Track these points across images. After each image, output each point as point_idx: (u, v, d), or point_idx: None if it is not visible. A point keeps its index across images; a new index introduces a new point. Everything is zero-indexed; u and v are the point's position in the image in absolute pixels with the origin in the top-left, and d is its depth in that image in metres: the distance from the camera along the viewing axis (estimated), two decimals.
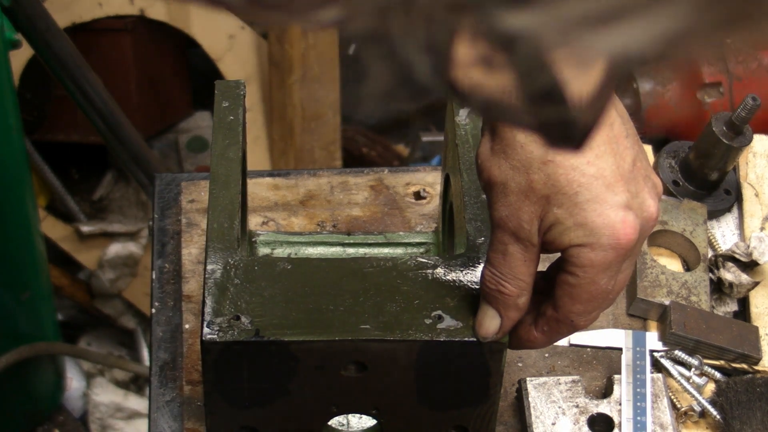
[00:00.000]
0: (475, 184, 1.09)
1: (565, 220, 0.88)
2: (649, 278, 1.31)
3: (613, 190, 0.88)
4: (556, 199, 0.88)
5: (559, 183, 0.87)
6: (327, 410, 1.05)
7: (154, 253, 1.34)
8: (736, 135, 1.36)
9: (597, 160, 0.87)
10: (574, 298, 0.91)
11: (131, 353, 2.62)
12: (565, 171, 0.87)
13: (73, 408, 2.46)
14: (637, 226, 0.89)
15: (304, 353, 0.98)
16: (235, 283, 1.01)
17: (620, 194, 0.88)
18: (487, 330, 0.97)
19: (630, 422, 1.18)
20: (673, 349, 1.26)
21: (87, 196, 2.81)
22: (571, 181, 0.87)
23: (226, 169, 1.11)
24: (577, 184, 0.87)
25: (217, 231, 1.05)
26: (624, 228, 0.88)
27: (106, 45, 2.59)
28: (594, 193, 0.87)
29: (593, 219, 0.87)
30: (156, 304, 1.29)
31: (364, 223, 1.37)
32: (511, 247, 0.91)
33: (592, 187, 0.87)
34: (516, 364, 1.26)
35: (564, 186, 0.87)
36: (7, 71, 1.77)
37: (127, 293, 2.58)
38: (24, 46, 1.81)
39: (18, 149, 1.86)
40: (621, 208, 0.88)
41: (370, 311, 0.99)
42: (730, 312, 1.33)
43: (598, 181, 0.87)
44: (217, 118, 1.16)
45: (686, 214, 1.37)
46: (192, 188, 1.39)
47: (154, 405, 1.21)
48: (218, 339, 0.97)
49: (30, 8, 1.79)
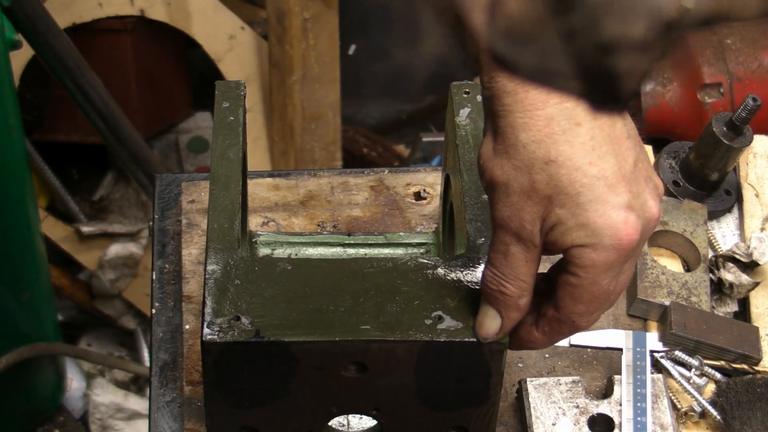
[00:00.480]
0: (475, 185, 1.09)
1: (567, 221, 0.88)
2: (650, 279, 1.31)
3: (615, 191, 0.88)
4: (559, 200, 0.88)
5: (561, 183, 0.87)
6: (327, 410, 1.05)
7: (154, 253, 1.34)
8: (737, 135, 1.36)
9: (599, 161, 0.87)
10: (576, 298, 0.91)
11: (131, 354, 2.62)
12: (567, 171, 0.87)
13: (73, 408, 2.46)
14: (639, 227, 0.89)
15: (304, 354, 0.98)
16: (235, 283, 1.01)
17: (622, 195, 0.88)
18: (488, 330, 0.97)
19: (630, 423, 1.18)
20: (674, 350, 1.25)
21: (87, 197, 2.81)
22: (574, 182, 0.87)
23: (227, 170, 1.11)
24: (580, 185, 0.87)
25: (218, 231, 1.05)
26: (626, 229, 0.88)
27: (106, 45, 2.59)
28: (596, 193, 0.87)
29: (595, 219, 0.88)
30: (156, 305, 1.29)
31: (364, 224, 1.37)
32: (513, 247, 0.91)
33: (594, 188, 0.87)
34: (516, 365, 1.26)
35: (566, 186, 0.87)
36: (7, 71, 1.77)
37: (128, 294, 2.58)
38: (24, 47, 1.81)
39: (18, 149, 1.86)
40: (623, 208, 0.88)
41: (371, 312, 0.99)
42: (731, 312, 1.33)
43: (600, 182, 0.87)
44: (218, 118, 1.16)
45: (686, 215, 1.37)
46: (192, 189, 1.39)
47: (155, 405, 1.21)
48: (218, 339, 0.97)
49: (30, 8, 1.80)
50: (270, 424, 1.06)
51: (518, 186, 0.89)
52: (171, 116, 2.84)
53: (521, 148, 0.88)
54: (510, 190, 0.89)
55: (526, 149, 0.88)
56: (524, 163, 0.88)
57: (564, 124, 0.87)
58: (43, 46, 1.85)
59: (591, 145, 0.87)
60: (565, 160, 0.87)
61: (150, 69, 2.69)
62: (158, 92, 2.74)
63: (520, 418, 1.20)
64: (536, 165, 0.88)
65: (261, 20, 2.74)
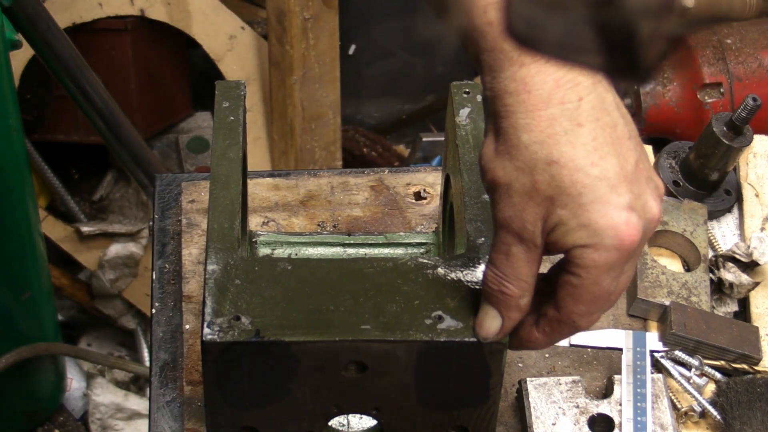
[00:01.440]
0: (475, 185, 1.09)
1: (569, 221, 0.88)
2: (650, 279, 1.31)
3: (617, 192, 0.88)
4: (560, 200, 0.88)
5: (563, 184, 0.87)
6: (327, 410, 1.05)
7: (154, 253, 1.34)
8: (737, 135, 1.36)
9: (601, 161, 0.87)
10: (577, 298, 0.91)
11: (131, 354, 2.62)
12: (569, 172, 0.87)
13: (73, 408, 2.46)
14: (641, 228, 0.89)
15: (304, 353, 0.98)
16: (235, 283, 1.01)
17: (624, 195, 0.88)
18: (488, 330, 0.97)
19: (630, 422, 1.18)
20: (674, 350, 1.26)
21: (87, 197, 2.81)
22: (576, 182, 0.87)
23: (227, 170, 1.11)
24: (581, 185, 0.87)
25: (218, 231, 1.05)
26: (627, 229, 0.88)
27: (106, 45, 2.59)
28: (598, 194, 0.87)
29: (597, 220, 0.88)
30: (156, 305, 1.29)
31: (364, 224, 1.37)
32: (515, 248, 0.91)
33: (596, 188, 0.87)
34: (516, 365, 1.26)
35: (568, 187, 0.87)
36: (7, 71, 1.77)
37: (128, 293, 2.58)
38: (24, 47, 1.81)
39: (18, 149, 1.86)
40: (624, 209, 0.88)
41: (371, 312, 0.99)
42: (731, 312, 1.33)
43: (602, 183, 0.87)
44: (218, 118, 1.16)
45: (687, 215, 1.37)
46: (192, 188, 1.39)
47: (155, 405, 1.21)
48: (218, 339, 0.97)
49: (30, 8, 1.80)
50: (270, 424, 1.06)
51: (520, 187, 0.89)
52: (171, 116, 2.84)
53: (523, 149, 0.88)
54: (512, 191, 0.89)
55: (528, 150, 0.88)
56: (526, 163, 0.88)
57: (566, 125, 0.87)
58: (43, 46, 1.85)
59: (593, 146, 0.87)
60: (567, 161, 0.87)
61: (150, 69, 2.69)
62: (158, 92, 2.74)
63: (520, 418, 1.20)
64: (538, 166, 0.88)
65: (261, 20, 2.74)
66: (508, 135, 0.89)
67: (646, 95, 2.70)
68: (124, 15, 2.56)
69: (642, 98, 2.70)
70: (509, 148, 0.89)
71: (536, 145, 0.87)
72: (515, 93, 0.87)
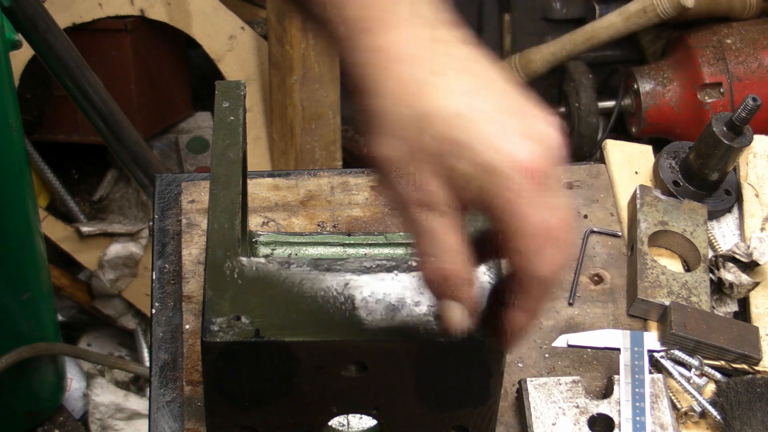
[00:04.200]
0: None
1: (466, 169, 0.83)
2: (650, 279, 1.31)
3: (503, 126, 0.84)
4: (450, 152, 0.83)
5: (448, 136, 0.83)
6: (327, 410, 1.05)
7: (154, 253, 1.34)
8: (737, 135, 1.36)
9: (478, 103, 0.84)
10: (518, 239, 0.85)
11: (131, 354, 2.62)
12: (448, 122, 0.83)
13: (73, 408, 2.46)
14: (540, 152, 0.84)
15: (304, 353, 0.98)
16: (235, 283, 1.01)
17: (511, 126, 0.84)
18: (457, 322, 0.90)
19: (629, 422, 1.18)
20: (674, 350, 1.26)
21: (87, 197, 2.81)
22: (457, 129, 0.83)
23: (227, 170, 1.11)
24: (464, 130, 0.83)
25: (218, 231, 1.05)
26: (524, 153, 0.83)
27: (106, 45, 2.59)
28: (484, 133, 0.83)
29: (491, 156, 0.83)
30: (156, 305, 1.29)
31: (364, 224, 1.37)
32: (429, 222, 0.85)
33: (480, 129, 0.83)
34: (516, 365, 1.26)
35: (454, 137, 0.83)
36: (7, 71, 1.77)
37: (128, 293, 2.58)
38: (24, 47, 1.81)
39: (18, 149, 1.86)
40: (515, 137, 0.84)
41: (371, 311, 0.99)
42: (731, 312, 1.33)
43: (485, 122, 0.83)
44: (218, 118, 1.16)
45: (686, 215, 1.37)
46: (192, 189, 1.39)
47: (155, 405, 1.21)
48: (218, 339, 0.97)
49: (30, 8, 1.80)
50: (270, 424, 1.06)
51: (405, 153, 0.84)
52: (171, 116, 2.84)
53: (391, 117, 0.84)
54: (400, 162, 0.85)
55: (395, 113, 0.84)
56: (401, 130, 0.84)
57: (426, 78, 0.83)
58: (43, 46, 1.85)
59: (463, 90, 0.84)
60: (440, 111, 0.83)
61: (150, 69, 2.69)
62: (158, 92, 2.75)
63: (520, 418, 1.20)
64: (411, 125, 0.84)
65: (261, 20, 2.74)
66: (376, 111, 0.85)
67: (646, 95, 2.70)
68: (124, 15, 2.56)
69: (642, 98, 2.70)
70: (381, 124, 0.85)
71: (403, 108, 0.84)
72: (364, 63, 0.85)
